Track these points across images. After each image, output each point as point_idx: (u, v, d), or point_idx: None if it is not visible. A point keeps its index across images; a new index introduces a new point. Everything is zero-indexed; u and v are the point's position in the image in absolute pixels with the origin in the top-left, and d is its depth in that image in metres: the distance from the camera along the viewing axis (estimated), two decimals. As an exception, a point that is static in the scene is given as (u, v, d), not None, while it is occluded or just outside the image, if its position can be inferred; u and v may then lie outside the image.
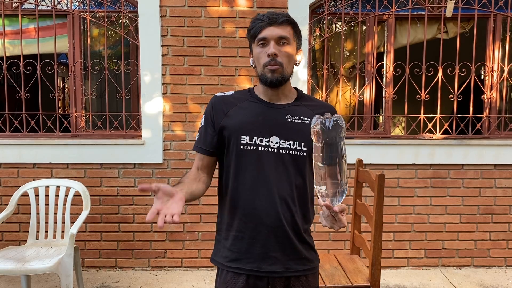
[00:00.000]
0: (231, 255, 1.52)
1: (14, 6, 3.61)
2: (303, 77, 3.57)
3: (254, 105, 1.53)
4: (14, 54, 3.72)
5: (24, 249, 3.05)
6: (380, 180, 2.33)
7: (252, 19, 1.53)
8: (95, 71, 3.68)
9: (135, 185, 3.63)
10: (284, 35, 1.46)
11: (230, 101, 1.55)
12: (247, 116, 1.51)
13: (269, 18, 1.45)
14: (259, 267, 1.48)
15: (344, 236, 3.70)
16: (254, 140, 1.48)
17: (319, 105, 1.59)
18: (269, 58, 1.45)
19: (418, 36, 3.77)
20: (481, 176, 3.70)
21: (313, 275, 1.58)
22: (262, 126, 1.49)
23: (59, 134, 3.67)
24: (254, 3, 3.55)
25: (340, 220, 1.30)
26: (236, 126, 1.50)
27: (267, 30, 1.45)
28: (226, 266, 1.52)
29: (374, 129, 3.83)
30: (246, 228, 1.49)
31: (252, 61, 1.55)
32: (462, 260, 3.77)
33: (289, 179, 1.49)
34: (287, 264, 1.50)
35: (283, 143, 1.48)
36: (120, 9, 3.60)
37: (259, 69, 1.49)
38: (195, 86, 3.58)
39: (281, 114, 1.51)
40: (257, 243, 1.48)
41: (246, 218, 1.49)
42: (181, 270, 3.70)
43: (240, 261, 1.50)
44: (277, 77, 1.46)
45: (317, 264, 1.60)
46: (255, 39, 1.48)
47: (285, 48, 1.46)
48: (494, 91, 3.73)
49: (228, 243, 1.53)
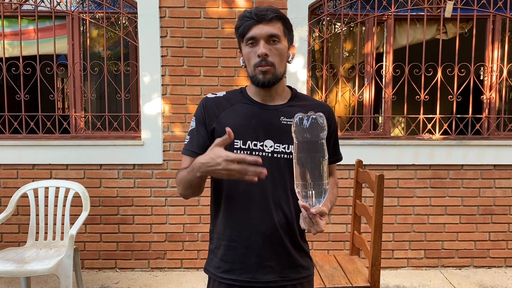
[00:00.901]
0: (224, 265, 1.45)
1: (14, 7, 3.61)
2: (303, 78, 3.57)
3: (247, 107, 1.45)
4: (14, 55, 3.72)
5: (24, 250, 3.05)
6: (380, 180, 2.33)
7: (239, 16, 1.44)
8: (95, 72, 3.68)
9: (134, 186, 3.63)
10: (274, 32, 1.37)
11: (221, 103, 1.47)
12: (240, 119, 1.42)
13: (257, 15, 1.36)
14: (254, 278, 1.42)
15: (343, 236, 3.70)
16: (247, 144, 1.40)
17: (314, 105, 1.51)
18: (260, 59, 1.37)
19: (417, 36, 3.77)
20: (481, 176, 3.70)
21: (309, 283, 1.53)
22: (256, 129, 1.41)
23: (58, 135, 3.67)
24: (253, 4, 3.55)
25: (317, 224, 1.24)
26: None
27: (255, 29, 1.37)
28: (219, 277, 1.46)
29: (374, 129, 3.83)
30: (240, 237, 1.42)
31: (242, 60, 1.47)
32: (462, 260, 3.77)
33: (285, 184, 1.42)
34: (283, 273, 1.44)
35: (277, 147, 1.41)
36: (119, 10, 3.60)
37: (250, 69, 1.42)
38: (195, 87, 3.58)
39: (274, 116, 1.43)
40: (251, 253, 1.42)
41: (240, 226, 1.42)
42: (181, 271, 3.69)
43: (234, 272, 1.43)
44: (269, 78, 1.39)
45: (312, 271, 1.55)
46: (244, 38, 1.40)
47: (276, 46, 1.38)
48: (494, 92, 3.73)
49: (220, 253, 1.47)
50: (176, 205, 3.65)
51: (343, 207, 3.68)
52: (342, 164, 3.61)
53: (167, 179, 3.63)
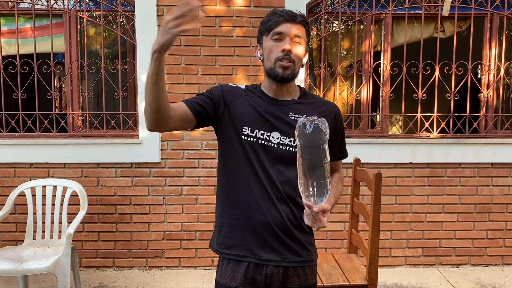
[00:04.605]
0: (227, 242, 1.53)
1: (10, 6, 3.59)
2: (300, 76, 3.57)
3: (259, 100, 1.54)
4: (11, 53, 3.70)
5: (21, 249, 3.04)
6: (377, 179, 2.33)
7: (268, 12, 1.53)
8: (92, 71, 3.67)
9: (132, 185, 3.63)
10: (300, 34, 1.48)
11: (238, 92, 1.56)
12: (251, 109, 1.51)
13: (287, 15, 1.47)
14: (255, 254, 1.49)
15: (341, 235, 3.71)
16: (255, 132, 1.49)
17: (321, 103, 1.61)
18: (283, 53, 1.45)
19: (415, 35, 3.78)
20: (478, 174, 3.71)
21: (311, 268, 1.57)
22: (265, 120, 1.50)
23: (56, 134, 3.66)
24: (251, 2, 3.55)
25: (320, 220, 1.33)
26: (240, 116, 1.50)
27: (284, 26, 1.46)
28: (222, 252, 1.54)
29: (371, 128, 3.83)
30: (244, 217, 1.50)
31: (260, 53, 1.54)
32: (459, 258, 3.78)
33: (288, 174, 1.49)
34: (283, 254, 1.50)
35: (283, 139, 1.49)
36: (117, 8, 3.59)
37: (269, 62, 1.49)
38: (192, 85, 3.58)
39: (284, 111, 1.52)
40: (253, 232, 1.49)
41: (244, 207, 1.49)
42: (179, 269, 3.69)
43: (236, 248, 1.51)
44: (288, 74, 1.48)
45: (315, 258, 1.59)
46: (270, 32, 1.48)
47: (298, 47, 1.49)
48: (491, 90, 3.74)
49: (224, 230, 1.54)
50: (174, 203, 3.64)
51: (341, 206, 3.68)
52: (340, 163, 3.62)
53: (165, 177, 3.63)
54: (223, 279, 1.52)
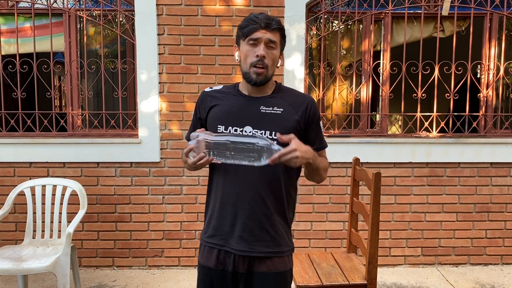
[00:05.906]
0: (208, 231, 1.70)
1: (10, 5, 3.59)
2: (300, 76, 3.57)
3: (234, 98, 1.67)
4: (10, 52, 3.70)
5: (21, 249, 3.04)
6: (377, 178, 2.33)
7: (246, 17, 1.63)
8: (92, 70, 3.67)
9: (131, 184, 3.63)
10: (274, 40, 1.59)
11: (215, 95, 1.70)
12: (226, 108, 1.65)
13: (263, 22, 1.57)
14: (228, 243, 1.63)
15: (340, 234, 3.71)
16: (229, 129, 1.61)
17: (294, 95, 1.70)
18: (257, 59, 1.57)
19: (414, 34, 3.78)
20: (478, 174, 3.72)
21: (280, 259, 1.64)
22: (238, 117, 1.62)
23: (55, 133, 3.66)
24: (251, 2, 3.55)
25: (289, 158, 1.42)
26: (215, 117, 1.65)
27: (259, 33, 1.57)
28: (204, 241, 1.71)
29: (371, 127, 3.84)
30: (220, 208, 1.64)
31: (237, 55, 1.67)
32: (459, 258, 3.79)
33: (261, 166, 1.55)
34: (252, 244, 1.61)
35: (255, 132, 1.59)
36: (116, 8, 3.59)
37: (245, 66, 1.61)
38: (192, 84, 3.58)
39: (255, 106, 1.63)
40: (226, 222, 1.63)
41: (221, 199, 1.64)
42: (178, 269, 3.70)
43: (214, 237, 1.67)
44: (261, 79, 1.60)
45: (286, 249, 1.67)
46: (246, 38, 1.60)
47: (272, 52, 1.60)
48: (490, 90, 3.74)
49: (206, 221, 1.72)
50: (174, 203, 3.65)
51: (340, 205, 3.68)
52: (339, 162, 3.63)
53: (165, 177, 3.63)
54: (201, 259, 1.72)
